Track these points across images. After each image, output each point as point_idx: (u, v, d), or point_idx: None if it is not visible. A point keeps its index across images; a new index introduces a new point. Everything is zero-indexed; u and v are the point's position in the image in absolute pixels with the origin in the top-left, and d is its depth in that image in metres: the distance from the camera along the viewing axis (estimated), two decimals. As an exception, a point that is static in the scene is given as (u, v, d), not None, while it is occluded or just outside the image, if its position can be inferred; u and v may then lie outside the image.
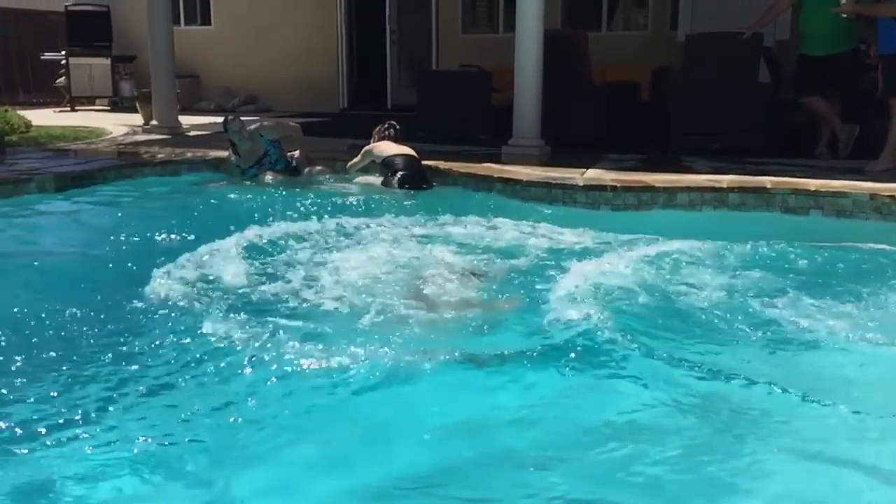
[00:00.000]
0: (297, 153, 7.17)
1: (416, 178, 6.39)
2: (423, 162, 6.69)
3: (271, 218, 5.13)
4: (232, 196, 6.25)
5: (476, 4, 12.89)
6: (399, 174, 6.34)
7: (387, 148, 6.68)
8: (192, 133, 9.62)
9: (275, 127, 7.35)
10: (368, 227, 4.99)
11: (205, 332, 3.19)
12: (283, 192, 6.28)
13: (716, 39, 7.61)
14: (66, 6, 13.64)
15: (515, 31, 7.55)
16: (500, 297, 3.86)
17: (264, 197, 6.12)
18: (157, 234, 4.77)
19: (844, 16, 6.58)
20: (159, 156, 7.58)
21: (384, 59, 13.15)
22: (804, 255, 4.38)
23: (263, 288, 3.80)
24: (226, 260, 4.19)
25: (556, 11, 11.10)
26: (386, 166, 6.49)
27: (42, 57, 14.16)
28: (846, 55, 6.94)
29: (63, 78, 13.62)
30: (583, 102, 8.17)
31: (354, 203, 5.85)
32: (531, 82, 7.45)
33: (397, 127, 6.99)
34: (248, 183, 6.73)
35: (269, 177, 6.79)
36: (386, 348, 3.00)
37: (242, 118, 7.35)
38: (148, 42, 9.41)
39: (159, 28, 9.21)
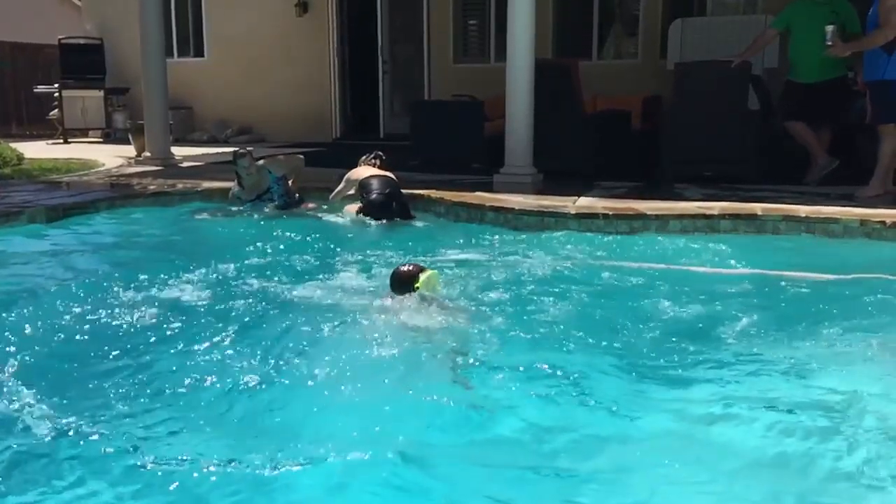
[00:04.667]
0: (290, 182, 7.15)
1: (387, 205, 6.35)
2: (417, 191, 6.71)
3: (257, 250, 5.12)
4: (220, 228, 6.26)
5: (467, 34, 12.98)
6: (374, 194, 6.36)
7: (364, 171, 6.74)
8: (185, 164, 9.62)
9: (284, 163, 7.15)
10: (336, 260, 4.93)
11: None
12: (271, 224, 6.27)
13: (705, 68, 7.68)
14: (60, 39, 13.71)
15: (507, 61, 7.59)
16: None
17: (252, 229, 6.12)
18: (142, 265, 4.69)
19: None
20: (151, 187, 7.58)
21: (377, 89, 13.21)
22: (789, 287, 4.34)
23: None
24: (188, 293, 4.16)
25: (547, 41, 11.18)
26: (362, 188, 6.52)
27: (35, 90, 14.20)
28: (835, 82, 7.00)
29: (56, 110, 13.66)
30: (575, 131, 8.19)
31: (330, 235, 5.73)
32: (522, 111, 7.47)
33: (383, 157, 7.00)
34: (240, 212, 6.73)
35: (265, 209, 6.80)
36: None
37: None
38: (141, 74, 9.47)
39: (153, 60, 9.26)
